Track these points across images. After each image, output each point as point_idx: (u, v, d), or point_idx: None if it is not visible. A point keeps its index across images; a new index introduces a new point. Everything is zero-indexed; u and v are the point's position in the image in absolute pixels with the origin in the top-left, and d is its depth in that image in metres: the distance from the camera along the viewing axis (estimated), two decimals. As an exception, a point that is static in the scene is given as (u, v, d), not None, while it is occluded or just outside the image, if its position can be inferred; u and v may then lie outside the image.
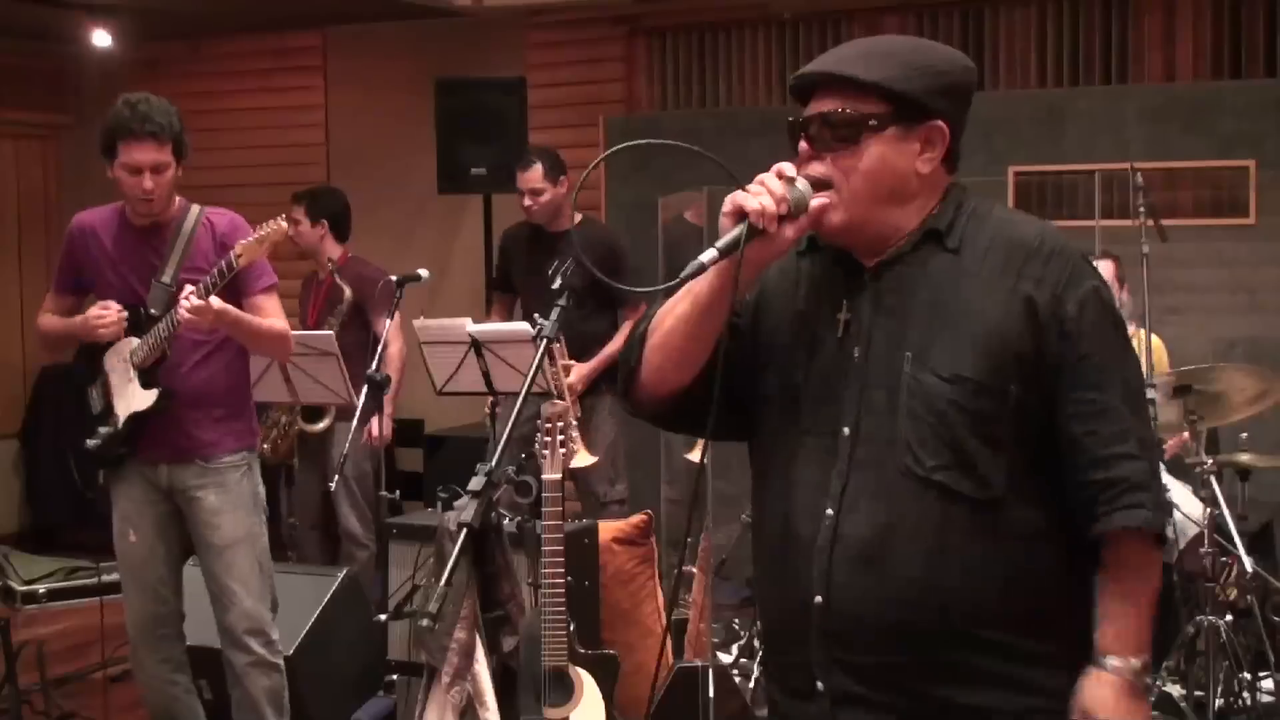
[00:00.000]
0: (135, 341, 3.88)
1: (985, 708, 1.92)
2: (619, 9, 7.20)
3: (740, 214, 1.91)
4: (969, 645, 1.90)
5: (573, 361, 3.82)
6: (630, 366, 2.09)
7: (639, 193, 6.66)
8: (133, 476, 3.97)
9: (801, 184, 1.94)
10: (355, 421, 4.99)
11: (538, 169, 5.50)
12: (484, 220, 6.74)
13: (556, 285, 3.73)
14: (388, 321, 5.15)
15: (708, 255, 1.89)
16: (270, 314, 3.91)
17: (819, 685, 1.96)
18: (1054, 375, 1.91)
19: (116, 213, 4.00)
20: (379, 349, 5.14)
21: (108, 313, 3.85)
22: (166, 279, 3.86)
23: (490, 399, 5.71)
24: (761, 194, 1.91)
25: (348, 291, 5.69)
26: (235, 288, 3.83)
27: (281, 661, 4.06)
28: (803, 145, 1.99)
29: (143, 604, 3.98)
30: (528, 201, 5.53)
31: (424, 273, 5.21)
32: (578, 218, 5.67)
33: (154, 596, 3.98)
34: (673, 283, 1.97)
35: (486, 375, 4.78)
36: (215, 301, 3.67)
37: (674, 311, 2.02)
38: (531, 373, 3.47)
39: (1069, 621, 1.95)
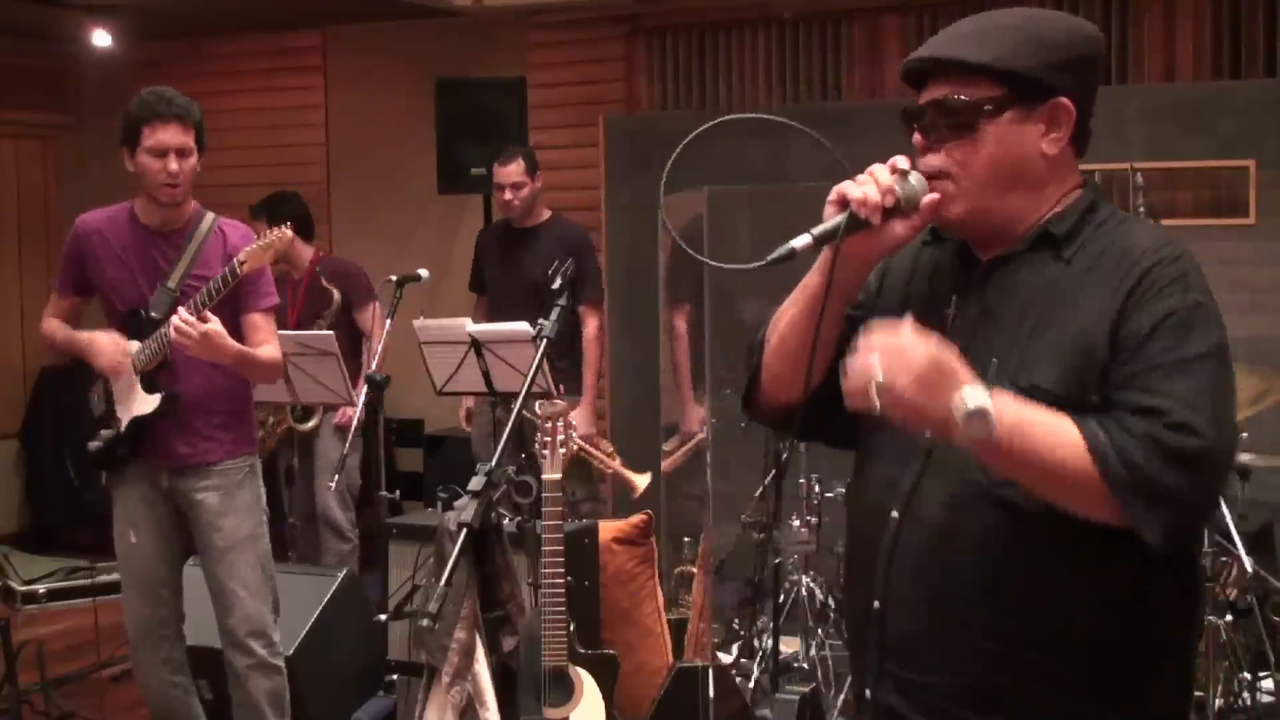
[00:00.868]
0: (137, 345, 3.87)
1: None
2: (619, 9, 7.20)
3: (843, 203, 1.81)
4: (1031, 674, 1.76)
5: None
6: (750, 375, 2.00)
7: (639, 193, 6.66)
8: (134, 478, 3.97)
9: (915, 178, 1.83)
10: (355, 421, 5.02)
11: (519, 163, 5.63)
12: (484, 220, 6.74)
13: (557, 285, 3.72)
14: (386, 320, 5.15)
15: (800, 241, 1.78)
16: (265, 335, 3.90)
17: (866, 693, 1.89)
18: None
19: (125, 213, 3.98)
20: (378, 345, 5.16)
21: (104, 342, 3.85)
22: (172, 284, 3.86)
23: (465, 407, 5.75)
24: (867, 184, 1.80)
25: (336, 294, 5.77)
26: (235, 301, 3.83)
27: (283, 663, 4.05)
28: (916, 137, 1.87)
29: (142, 605, 3.98)
30: (508, 196, 5.64)
31: (424, 273, 5.23)
32: (547, 214, 5.74)
33: (154, 597, 3.98)
34: (760, 263, 1.80)
35: (486, 375, 4.78)
36: (211, 325, 3.63)
37: (787, 314, 1.93)
38: (531, 373, 3.48)
39: (1129, 666, 1.77)
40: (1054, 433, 1.68)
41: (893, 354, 1.67)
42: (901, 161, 1.85)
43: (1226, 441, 1.69)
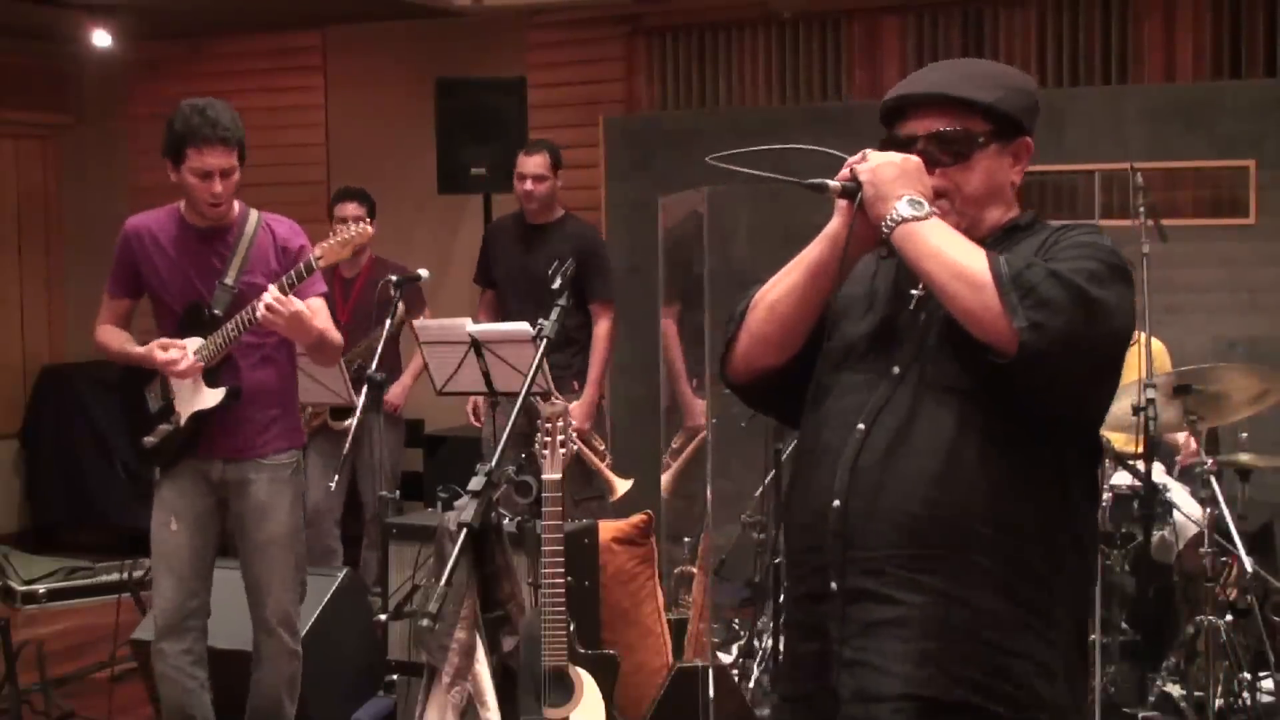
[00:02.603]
0: (198, 341, 3.96)
1: (984, 608, 2.02)
2: (619, 9, 7.20)
3: (855, 177, 2.10)
4: (971, 542, 2.02)
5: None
6: (728, 340, 2.26)
7: (639, 193, 6.66)
8: (184, 469, 4.04)
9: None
10: (355, 420, 5.02)
11: (544, 156, 5.62)
12: (484, 220, 6.74)
13: (556, 285, 3.73)
14: (386, 320, 5.15)
15: (832, 182, 2.10)
16: (324, 320, 4.00)
17: (832, 585, 2.08)
18: None
19: (173, 215, 4.07)
20: (378, 347, 5.16)
21: (181, 354, 3.92)
22: (229, 281, 3.96)
23: (473, 400, 5.75)
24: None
25: (400, 308, 5.74)
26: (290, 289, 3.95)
27: (301, 651, 4.14)
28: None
29: (175, 593, 4.03)
30: (529, 186, 5.60)
31: (424, 273, 5.23)
32: (561, 212, 5.73)
33: (187, 588, 4.03)
34: (795, 180, 2.13)
35: (486, 375, 4.78)
36: (296, 303, 3.78)
37: (783, 281, 2.20)
38: (531, 373, 3.48)
39: (1041, 550, 2.06)
40: (968, 243, 2.04)
41: (887, 155, 2.10)
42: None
43: (1101, 308, 1.99)
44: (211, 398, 3.96)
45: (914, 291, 2.17)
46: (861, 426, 2.09)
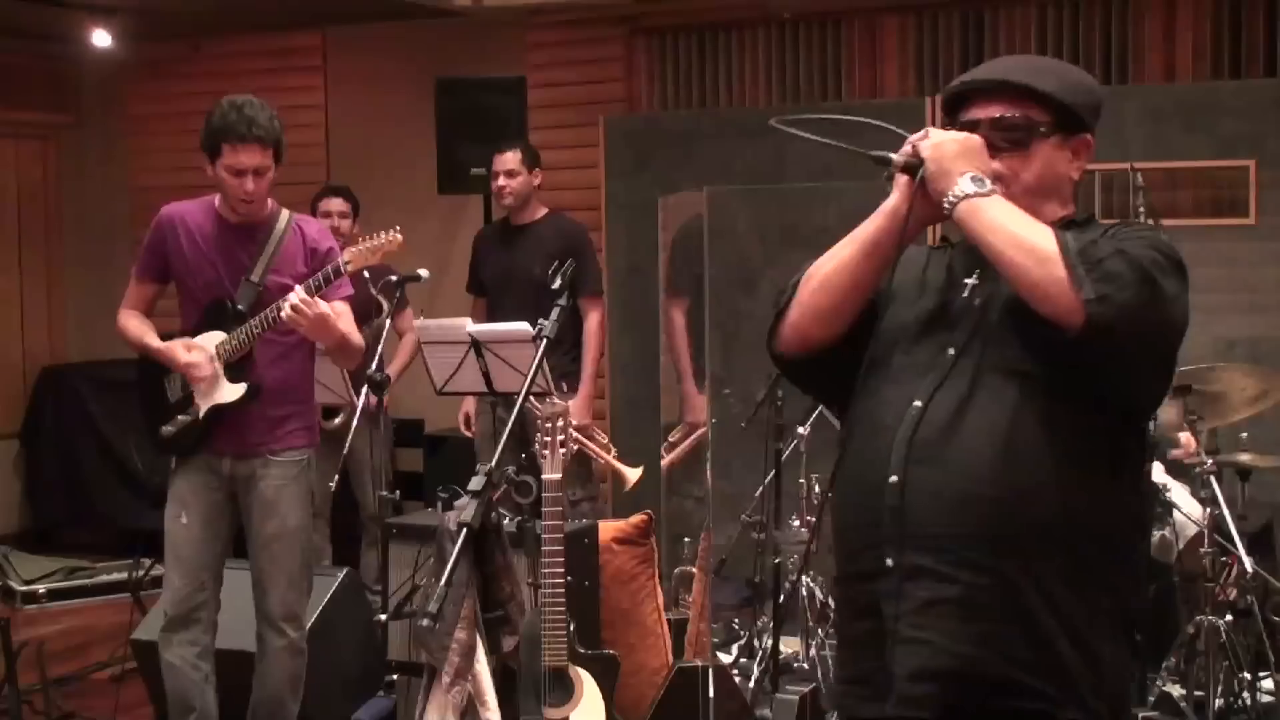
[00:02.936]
0: (221, 336, 4.02)
1: (1041, 590, 2.03)
2: (619, 9, 7.20)
3: (918, 154, 2.12)
4: (1029, 524, 2.03)
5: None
6: (779, 312, 2.27)
7: (638, 192, 6.66)
8: (196, 462, 4.08)
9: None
10: (355, 420, 5.04)
11: (515, 153, 5.72)
12: (484, 220, 6.74)
13: (556, 285, 3.73)
14: (386, 320, 5.17)
15: (895, 156, 2.12)
16: (348, 323, 4.05)
17: (889, 562, 2.08)
18: None
19: (209, 207, 4.13)
20: (378, 346, 5.16)
21: (203, 357, 3.99)
22: (255, 278, 4.02)
23: (464, 412, 5.75)
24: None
25: (385, 306, 5.78)
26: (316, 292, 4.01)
27: (306, 648, 4.18)
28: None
29: (183, 585, 4.06)
30: (501, 182, 5.71)
31: (424, 272, 5.23)
32: (544, 211, 5.75)
33: (195, 580, 4.07)
34: (863, 151, 2.15)
35: (486, 375, 4.78)
36: (321, 305, 3.84)
37: (838, 256, 2.20)
38: (531, 373, 3.48)
39: (1096, 533, 2.09)
40: (1031, 219, 2.06)
41: (950, 133, 2.13)
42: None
43: (1163, 292, 2.03)
44: (232, 393, 4.01)
45: (968, 280, 2.19)
46: (918, 403, 2.10)
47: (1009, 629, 2.03)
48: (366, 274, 5.94)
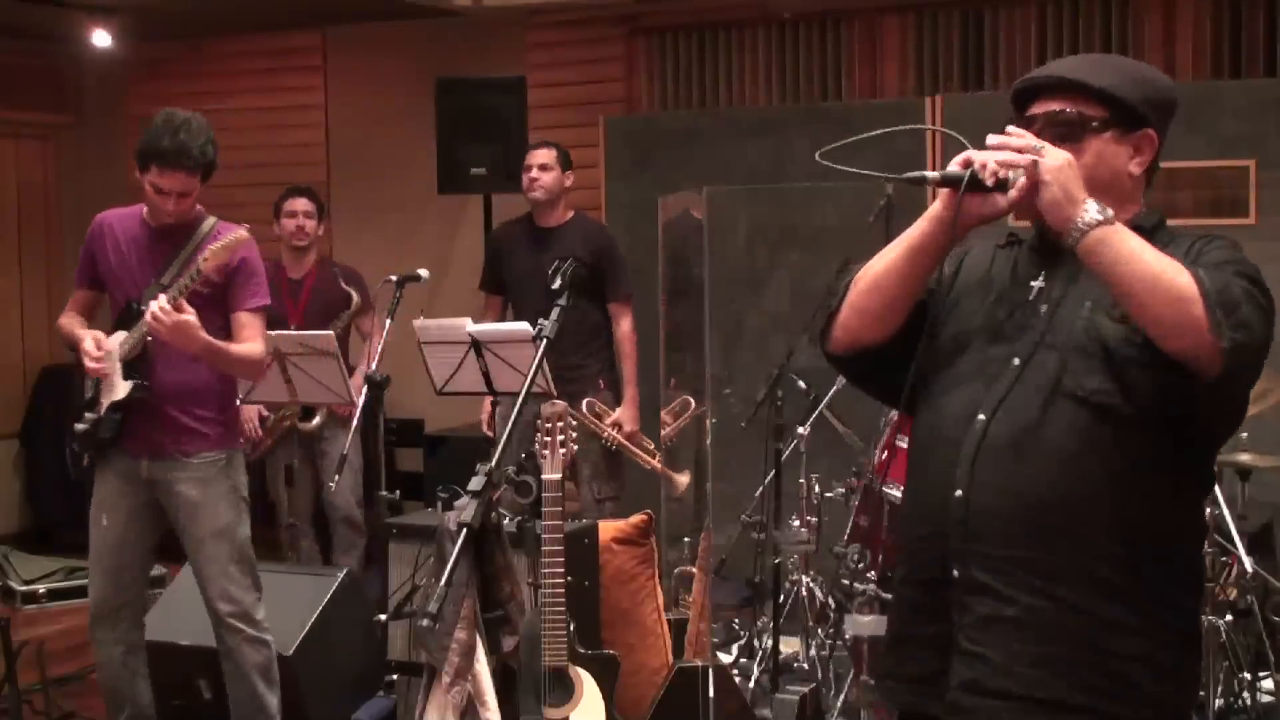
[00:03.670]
0: (124, 335, 4.05)
1: (1101, 616, 2.05)
2: (619, 9, 7.20)
3: (968, 163, 2.10)
4: (1090, 551, 2.06)
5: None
6: (830, 313, 2.30)
7: (638, 192, 6.66)
8: (115, 465, 4.13)
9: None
10: (355, 419, 5.03)
11: (551, 150, 5.64)
12: (484, 220, 6.74)
13: (556, 285, 3.73)
14: (386, 320, 5.15)
15: (931, 173, 2.11)
16: (249, 333, 4.07)
17: (955, 573, 2.12)
18: None
19: (136, 213, 4.18)
20: (378, 345, 5.16)
21: (94, 346, 4.01)
22: (165, 280, 4.03)
23: (487, 412, 5.74)
24: (995, 153, 2.09)
25: (355, 297, 5.83)
26: (225, 299, 4.06)
27: (270, 637, 4.21)
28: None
29: (104, 586, 4.14)
30: (535, 174, 5.59)
31: (424, 272, 5.23)
32: (570, 214, 5.72)
33: (116, 581, 4.14)
34: (897, 176, 2.13)
35: (486, 375, 4.78)
36: (185, 316, 3.81)
37: (886, 257, 2.22)
38: (531, 373, 3.48)
39: (1159, 554, 2.09)
40: (1159, 252, 2.00)
41: (1063, 154, 2.07)
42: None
43: (1272, 335, 2.03)
44: (122, 389, 4.03)
45: (1034, 283, 2.20)
46: (982, 417, 2.12)
47: (1068, 653, 2.06)
48: (335, 271, 5.99)
